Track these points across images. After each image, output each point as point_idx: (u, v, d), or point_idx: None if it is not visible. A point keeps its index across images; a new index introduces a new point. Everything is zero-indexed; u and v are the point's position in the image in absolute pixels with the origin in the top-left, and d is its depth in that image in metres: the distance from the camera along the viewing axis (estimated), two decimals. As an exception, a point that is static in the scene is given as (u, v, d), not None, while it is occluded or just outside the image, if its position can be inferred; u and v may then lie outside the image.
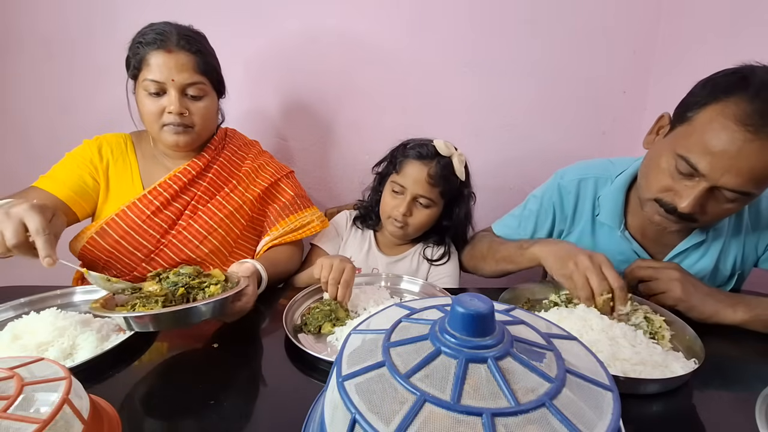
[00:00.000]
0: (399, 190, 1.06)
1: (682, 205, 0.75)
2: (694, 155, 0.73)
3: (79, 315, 0.72)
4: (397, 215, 1.05)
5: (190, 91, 0.93)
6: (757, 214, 0.91)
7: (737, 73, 0.72)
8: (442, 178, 1.04)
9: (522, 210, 1.09)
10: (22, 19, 1.30)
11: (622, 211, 0.94)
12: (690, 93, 0.78)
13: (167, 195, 0.97)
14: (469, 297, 0.33)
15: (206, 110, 0.97)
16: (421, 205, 1.06)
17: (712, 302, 0.79)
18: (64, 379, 0.42)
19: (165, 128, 0.94)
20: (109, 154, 1.00)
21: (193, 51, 0.92)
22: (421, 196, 1.04)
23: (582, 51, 1.46)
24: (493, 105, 1.50)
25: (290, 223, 1.08)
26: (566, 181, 1.01)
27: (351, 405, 0.30)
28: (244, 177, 1.07)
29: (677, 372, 0.61)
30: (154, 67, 0.90)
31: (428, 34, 1.41)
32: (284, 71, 1.42)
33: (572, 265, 0.78)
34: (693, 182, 0.75)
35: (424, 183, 1.03)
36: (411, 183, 1.04)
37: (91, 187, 0.97)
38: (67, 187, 0.94)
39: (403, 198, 1.05)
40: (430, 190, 1.04)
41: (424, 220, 1.07)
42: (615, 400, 0.30)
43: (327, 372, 0.38)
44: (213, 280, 0.73)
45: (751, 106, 0.68)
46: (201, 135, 1.00)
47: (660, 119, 0.84)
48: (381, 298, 0.84)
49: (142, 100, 0.93)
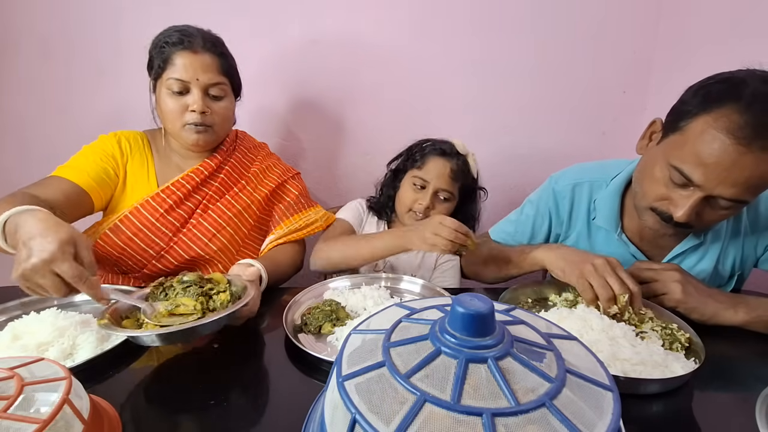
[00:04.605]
0: (421, 184, 1.11)
1: (678, 215, 0.75)
2: (687, 166, 0.72)
3: (79, 315, 0.72)
4: (420, 208, 1.10)
5: (213, 91, 0.96)
6: (755, 216, 0.91)
7: (729, 81, 0.71)
8: (462, 174, 1.11)
9: (519, 215, 1.09)
10: (20, 18, 1.30)
11: (618, 214, 0.94)
12: (681, 100, 0.77)
13: (180, 194, 0.99)
14: (469, 297, 0.33)
15: (226, 110, 1.00)
16: (441, 199, 1.12)
17: (713, 303, 0.78)
18: (64, 379, 0.42)
19: (186, 127, 0.96)
20: (128, 149, 1.01)
21: (217, 53, 0.96)
22: (443, 190, 1.10)
23: (582, 51, 1.46)
24: (493, 105, 1.50)
25: (294, 222, 1.09)
26: (561, 185, 1.01)
27: (351, 405, 0.30)
28: (252, 177, 1.09)
29: (677, 372, 0.61)
30: (180, 66, 0.92)
31: (430, 35, 1.42)
32: (288, 73, 1.43)
33: (589, 268, 0.78)
34: (688, 192, 0.75)
35: (446, 177, 1.09)
36: (434, 177, 1.09)
37: (111, 179, 0.98)
38: (89, 176, 0.94)
39: (425, 192, 1.10)
40: (452, 184, 1.10)
41: (443, 213, 1.11)
42: (615, 400, 0.30)
43: (327, 372, 0.38)
44: (221, 287, 0.73)
45: (742, 118, 0.67)
46: (219, 135, 1.02)
47: (652, 125, 0.84)
48: (381, 298, 0.84)
49: (165, 99, 0.94)
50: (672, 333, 0.72)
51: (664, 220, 0.79)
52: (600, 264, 0.77)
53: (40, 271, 0.59)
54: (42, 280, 0.60)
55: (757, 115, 0.66)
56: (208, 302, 0.69)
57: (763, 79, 0.69)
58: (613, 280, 0.75)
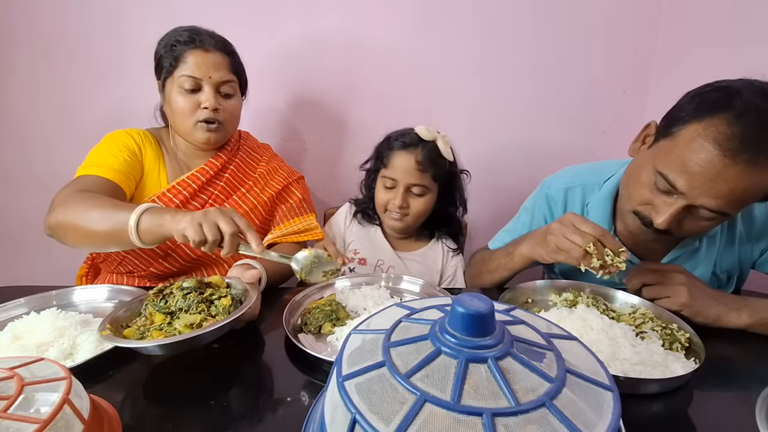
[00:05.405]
0: (391, 184, 1.07)
1: (658, 221, 0.75)
2: (672, 173, 0.72)
3: (79, 315, 0.72)
4: (394, 208, 1.07)
5: (223, 89, 0.97)
6: (750, 221, 0.90)
7: (724, 90, 0.70)
8: (430, 163, 1.03)
9: (515, 224, 1.09)
10: (20, 18, 1.30)
11: (611, 218, 0.93)
12: (677, 106, 0.77)
13: (186, 193, 0.99)
14: (469, 297, 0.33)
15: (235, 108, 1.02)
16: (415, 194, 1.07)
17: (717, 306, 0.78)
18: (65, 379, 0.42)
19: (199, 124, 0.97)
20: (142, 144, 1.01)
21: (227, 52, 0.98)
22: (414, 184, 1.05)
23: (582, 51, 1.46)
24: (494, 104, 1.50)
25: (294, 225, 1.09)
26: (553, 190, 1.01)
27: (351, 405, 0.30)
28: (259, 179, 1.10)
29: (677, 372, 0.61)
30: (192, 64, 0.93)
31: (431, 34, 1.42)
32: (289, 73, 1.43)
33: (551, 238, 0.79)
34: (671, 199, 0.74)
35: (414, 171, 1.03)
36: (401, 174, 1.04)
37: (136, 172, 0.97)
38: (115, 170, 0.93)
39: (396, 191, 1.06)
40: (421, 176, 1.04)
41: (421, 208, 1.08)
42: (615, 400, 0.30)
43: (327, 372, 0.38)
44: (221, 291, 0.72)
45: (730, 129, 0.66)
46: (228, 133, 1.04)
47: (647, 128, 0.83)
48: (381, 298, 0.84)
49: (176, 97, 0.95)
50: (672, 333, 0.72)
51: (645, 225, 0.79)
52: (554, 228, 0.78)
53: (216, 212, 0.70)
54: (217, 218, 0.69)
55: (746, 127, 0.65)
56: (209, 308, 0.69)
57: (761, 91, 0.67)
58: (573, 235, 0.75)
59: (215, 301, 0.70)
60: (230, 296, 0.71)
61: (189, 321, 0.65)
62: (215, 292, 0.72)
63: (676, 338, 0.70)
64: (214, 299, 0.70)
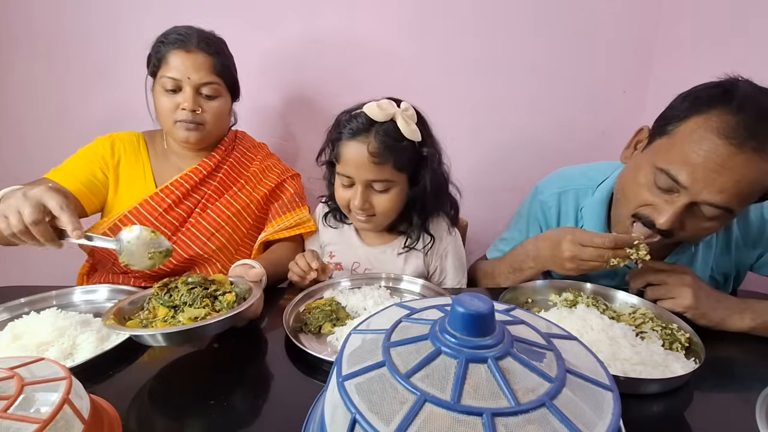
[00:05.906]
0: (347, 182, 0.90)
1: (661, 221, 0.73)
2: (674, 167, 0.71)
3: (79, 315, 0.72)
4: (355, 209, 0.91)
5: (205, 91, 0.97)
6: (746, 225, 0.89)
7: (719, 87, 0.71)
8: (388, 151, 0.84)
9: (512, 232, 1.07)
10: (18, 18, 1.30)
11: (606, 222, 0.92)
12: (670, 107, 0.77)
13: (179, 193, 0.99)
14: (469, 297, 0.33)
15: (218, 110, 1.01)
16: (377, 190, 0.89)
17: (721, 310, 0.76)
18: (65, 379, 0.42)
19: (177, 124, 0.97)
20: (121, 150, 1.02)
21: (211, 53, 0.97)
22: (372, 181, 0.87)
23: (582, 51, 1.46)
24: (493, 104, 1.50)
25: (286, 220, 1.09)
26: (546, 195, 1.00)
27: (351, 405, 0.30)
28: (252, 177, 1.10)
29: (677, 372, 0.61)
30: (173, 65, 0.94)
31: (430, 34, 1.42)
32: (287, 72, 1.43)
33: (569, 265, 0.79)
34: (672, 197, 0.73)
35: (368, 165, 0.85)
36: (354, 170, 0.87)
37: (101, 182, 0.99)
38: (78, 180, 0.95)
39: (354, 189, 0.89)
40: (379, 170, 0.85)
41: (387, 205, 0.91)
42: (615, 400, 0.30)
43: (327, 372, 0.38)
44: (226, 287, 0.73)
45: (734, 118, 0.66)
46: (212, 133, 1.03)
47: (639, 132, 0.83)
48: (381, 298, 0.84)
49: (159, 97, 0.97)
50: (672, 333, 0.71)
51: (647, 227, 0.78)
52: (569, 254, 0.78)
53: (29, 194, 0.65)
54: (20, 204, 0.64)
55: (750, 115, 0.66)
56: (213, 303, 0.69)
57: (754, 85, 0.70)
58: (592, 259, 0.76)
59: (219, 296, 0.70)
60: (235, 293, 0.71)
61: (193, 314, 0.64)
62: (220, 288, 0.72)
63: (676, 338, 0.70)
64: (218, 295, 0.70)
